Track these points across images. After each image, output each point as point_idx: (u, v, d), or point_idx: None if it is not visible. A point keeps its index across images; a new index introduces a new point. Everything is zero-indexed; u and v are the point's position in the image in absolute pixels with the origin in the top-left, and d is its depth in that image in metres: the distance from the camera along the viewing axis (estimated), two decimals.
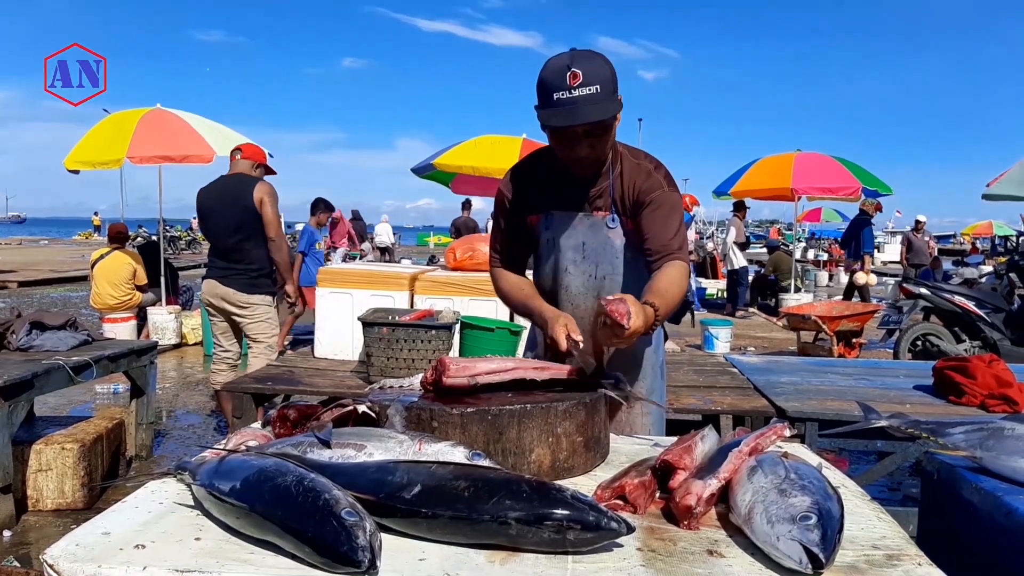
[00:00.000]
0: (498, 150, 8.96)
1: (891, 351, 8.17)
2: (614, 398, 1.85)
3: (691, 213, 13.96)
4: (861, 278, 11.33)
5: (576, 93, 1.92)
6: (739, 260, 13.39)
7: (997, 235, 34.60)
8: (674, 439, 1.71)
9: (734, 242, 13.42)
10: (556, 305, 2.21)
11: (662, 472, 1.54)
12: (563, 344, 1.93)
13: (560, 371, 1.87)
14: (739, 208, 13.58)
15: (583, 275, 2.21)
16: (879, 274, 27.09)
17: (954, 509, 1.96)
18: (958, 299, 7.69)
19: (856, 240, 11.80)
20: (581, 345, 1.93)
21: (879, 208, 12.03)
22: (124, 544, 1.28)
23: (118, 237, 9.28)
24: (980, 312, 7.59)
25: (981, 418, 3.03)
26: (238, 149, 5.28)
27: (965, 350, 7.42)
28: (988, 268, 14.40)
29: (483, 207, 15.62)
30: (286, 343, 9.67)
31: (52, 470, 4.23)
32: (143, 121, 8.93)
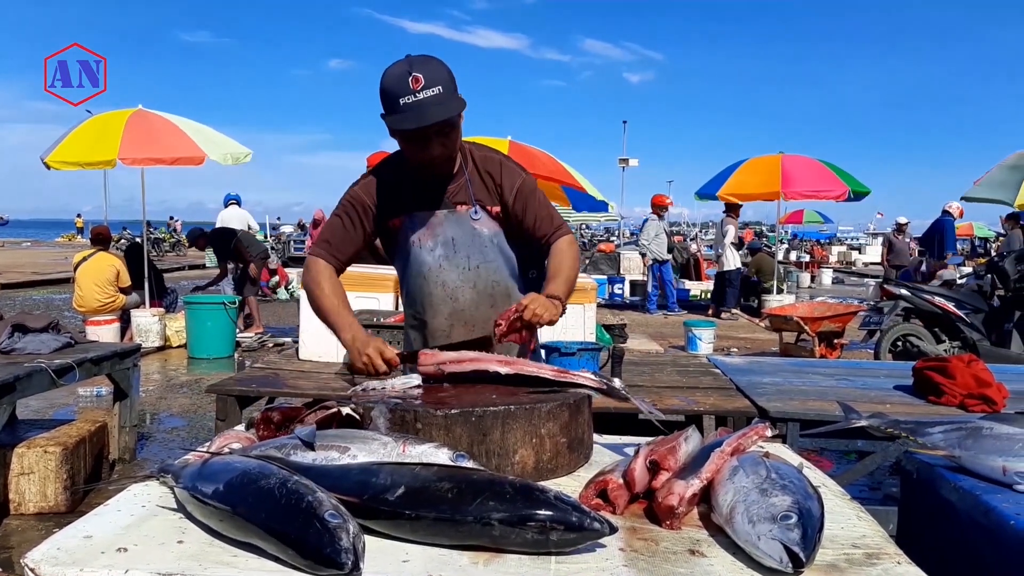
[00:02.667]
0: None
1: (872, 352, 8.23)
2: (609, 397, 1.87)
3: (649, 215, 13.94)
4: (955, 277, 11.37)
5: (421, 96, 2.03)
6: (734, 261, 13.42)
7: (977, 236, 34.93)
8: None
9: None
10: (433, 302, 2.31)
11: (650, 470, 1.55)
12: (382, 367, 2.08)
13: (526, 366, 1.89)
14: (732, 209, 13.48)
15: (457, 268, 2.30)
16: (861, 275, 27.32)
17: (933, 508, 1.98)
18: (938, 300, 7.76)
19: (940, 240, 11.89)
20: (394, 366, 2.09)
21: (962, 212, 12.17)
22: (106, 547, 1.28)
23: (100, 239, 9.21)
24: (960, 313, 7.67)
25: (960, 418, 3.07)
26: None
27: (945, 350, 7.48)
28: (968, 269, 14.56)
29: None
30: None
31: (34, 473, 4.20)
32: (131, 122, 8.94)
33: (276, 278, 15.76)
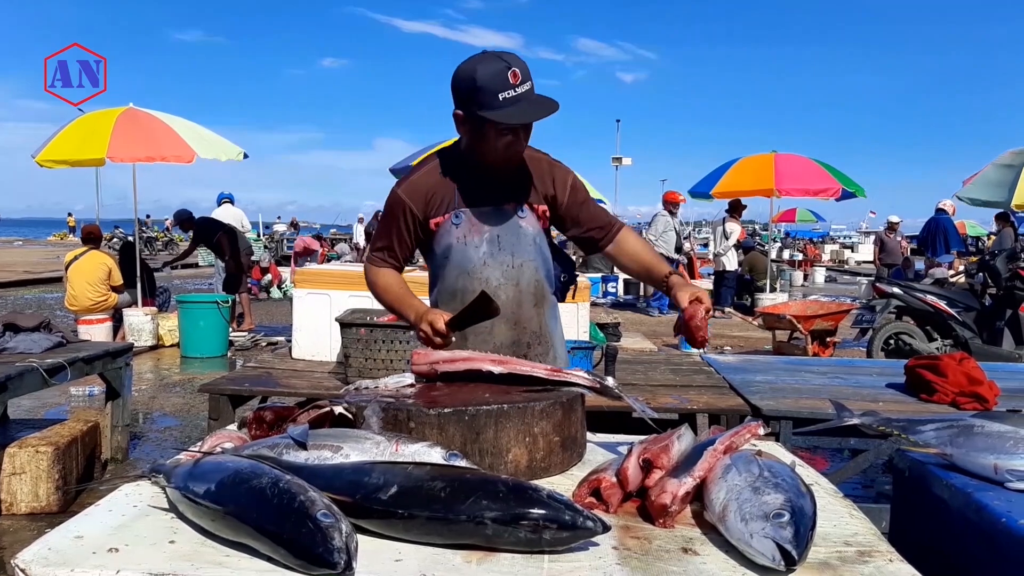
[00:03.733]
0: None
1: (864, 350, 8.25)
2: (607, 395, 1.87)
3: (660, 211, 13.86)
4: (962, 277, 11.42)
5: (520, 90, 2.03)
6: (733, 262, 13.39)
7: (969, 235, 35.03)
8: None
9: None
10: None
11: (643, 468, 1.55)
12: (442, 328, 2.10)
13: (520, 366, 1.88)
14: (735, 210, 13.32)
15: (501, 266, 2.27)
16: (854, 273, 27.39)
17: (925, 506, 1.99)
18: (930, 298, 7.79)
19: (944, 238, 11.93)
20: (453, 338, 2.13)
21: (955, 210, 12.28)
22: (97, 548, 1.27)
23: (91, 238, 9.18)
24: (951, 311, 7.69)
25: (952, 416, 3.07)
26: None
27: (937, 348, 7.50)
28: (960, 267, 14.66)
29: None
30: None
31: (26, 473, 4.18)
32: (120, 120, 8.94)
33: (269, 276, 15.73)
